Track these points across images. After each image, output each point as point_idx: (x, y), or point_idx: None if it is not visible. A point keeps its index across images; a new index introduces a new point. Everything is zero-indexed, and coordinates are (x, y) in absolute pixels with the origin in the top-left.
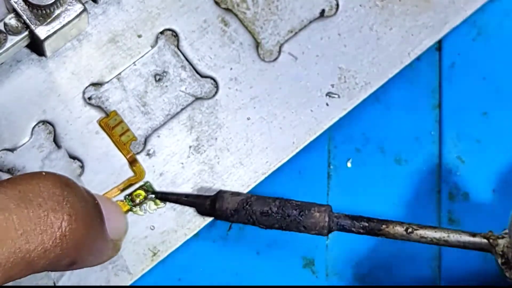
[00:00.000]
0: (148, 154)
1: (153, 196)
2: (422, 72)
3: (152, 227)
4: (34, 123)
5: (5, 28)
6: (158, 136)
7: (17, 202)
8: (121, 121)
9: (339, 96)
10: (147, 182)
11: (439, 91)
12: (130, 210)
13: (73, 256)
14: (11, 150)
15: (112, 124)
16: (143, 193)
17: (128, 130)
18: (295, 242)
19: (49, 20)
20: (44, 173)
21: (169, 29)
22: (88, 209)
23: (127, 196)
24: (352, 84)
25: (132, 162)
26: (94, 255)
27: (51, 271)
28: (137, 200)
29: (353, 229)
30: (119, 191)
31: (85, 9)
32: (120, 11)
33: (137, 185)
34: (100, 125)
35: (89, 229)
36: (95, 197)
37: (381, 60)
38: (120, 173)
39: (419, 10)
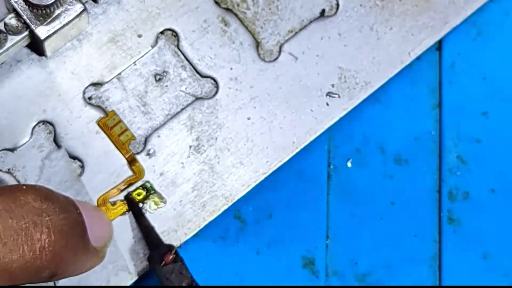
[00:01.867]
0: (148, 154)
1: (151, 195)
2: (422, 72)
3: None
4: (34, 123)
5: (5, 28)
6: (158, 136)
7: (1, 212)
8: (120, 121)
9: (339, 96)
10: (147, 181)
11: (439, 91)
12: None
13: (53, 268)
14: (11, 150)
15: (110, 124)
16: (143, 192)
17: (126, 129)
18: (295, 242)
19: (49, 20)
20: (24, 187)
21: (169, 29)
22: (68, 221)
23: (126, 197)
24: (352, 84)
25: (131, 161)
26: (76, 265)
27: (32, 283)
28: (138, 200)
29: None
30: (118, 191)
31: (85, 9)
32: (120, 11)
33: (137, 185)
34: (98, 125)
35: (68, 241)
36: (77, 206)
37: (381, 59)
38: (121, 173)
39: (419, 10)
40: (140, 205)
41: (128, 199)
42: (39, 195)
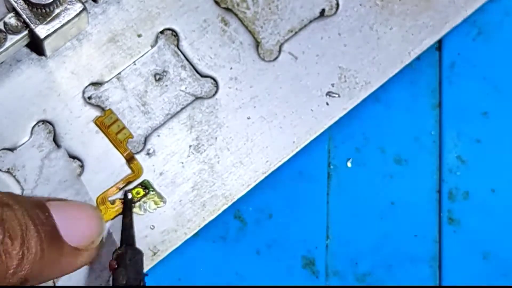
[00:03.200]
0: (148, 154)
1: (153, 193)
2: (422, 72)
3: (152, 227)
4: (34, 123)
5: (5, 27)
6: (158, 136)
7: None
8: (117, 119)
9: (339, 96)
10: (146, 179)
11: (439, 91)
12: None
13: (22, 273)
14: (11, 149)
15: (107, 123)
16: (142, 191)
17: (124, 128)
18: (295, 242)
19: (48, 19)
20: None
21: (169, 29)
22: (32, 225)
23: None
24: (352, 83)
25: (130, 159)
26: (50, 268)
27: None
28: (136, 198)
29: None
30: (117, 190)
31: (85, 8)
32: (120, 11)
33: (135, 183)
34: (96, 123)
35: (34, 245)
36: (47, 209)
37: (381, 59)
38: (120, 172)
39: (419, 9)
40: (138, 203)
41: (125, 195)
42: None
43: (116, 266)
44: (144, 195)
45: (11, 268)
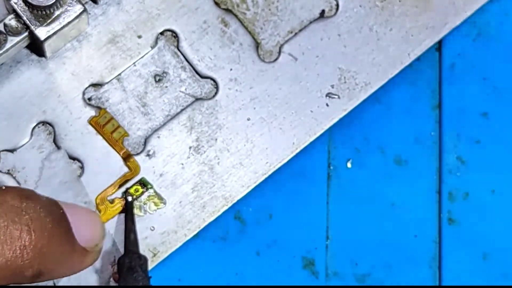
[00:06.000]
0: (148, 155)
1: (152, 191)
2: (422, 73)
3: (152, 228)
4: (34, 124)
5: (5, 29)
6: (158, 137)
7: None
8: (111, 118)
9: (339, 97)
10: (143, 177)
11: (439, 92)
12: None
13: (37, 267)
14: (11, 150)
15: (102, 122)
16: (140, 188)
17: (119, 126)
18: (295, 243)
19: (49, 21)
20: (4, 187)
21: (169, 30)
22: (50, 220)
23: (124, 193)
24: (352, 84)
25: (126, 158)
26: (62, 265)
27: (18, 283)
28: (136, 196)
29: None
30: (115, 188)
31: (85, 10)
32: (120, 12)
33: (133, 181)
34: (90, 124)
35: (51, 240)
36: (61, 206)
37: (381, 60)
38: (120, 173)
39: (419, 10)
40: (136, 203)
41: (125, 200)
42: (18, 195)
43: (118, 276)
44: (143, 193)
45: (27, 260)
